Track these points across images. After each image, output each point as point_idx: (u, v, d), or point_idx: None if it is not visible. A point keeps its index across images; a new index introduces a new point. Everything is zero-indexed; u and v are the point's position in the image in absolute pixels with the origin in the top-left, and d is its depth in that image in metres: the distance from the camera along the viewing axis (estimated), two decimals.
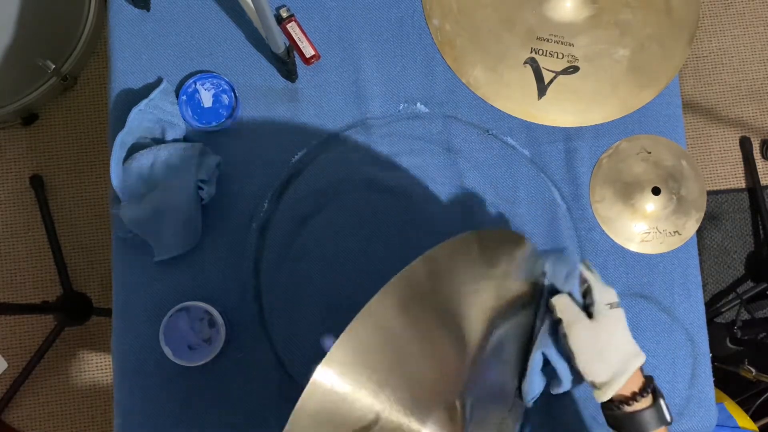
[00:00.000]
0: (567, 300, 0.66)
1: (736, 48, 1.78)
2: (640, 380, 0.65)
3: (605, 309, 0.65)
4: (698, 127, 1.76)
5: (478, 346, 0.62)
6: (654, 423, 0.63)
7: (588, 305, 0.67)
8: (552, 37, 0.88)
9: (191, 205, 0.81)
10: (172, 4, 0.88)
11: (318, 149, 0.87)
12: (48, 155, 1.62)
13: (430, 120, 0.88)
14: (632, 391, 0.64)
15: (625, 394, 0.64)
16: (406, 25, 0.90)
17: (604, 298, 0.66)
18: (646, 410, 0.63)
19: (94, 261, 1.61)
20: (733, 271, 1.73)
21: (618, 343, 0.65)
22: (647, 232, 0.88)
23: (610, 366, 0.64)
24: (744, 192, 1.75)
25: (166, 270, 0.83)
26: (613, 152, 0.89)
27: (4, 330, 1.59)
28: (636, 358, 0.65)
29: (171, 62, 0.87)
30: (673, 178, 0.88)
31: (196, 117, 0.85)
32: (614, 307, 0.66)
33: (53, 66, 1.47)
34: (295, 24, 0.88)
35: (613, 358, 0.64)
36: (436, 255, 0.57)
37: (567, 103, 0.89)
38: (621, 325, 0.66)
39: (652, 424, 0.63)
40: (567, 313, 0.66)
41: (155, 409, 0.82)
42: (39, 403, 1.58)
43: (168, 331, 0.79)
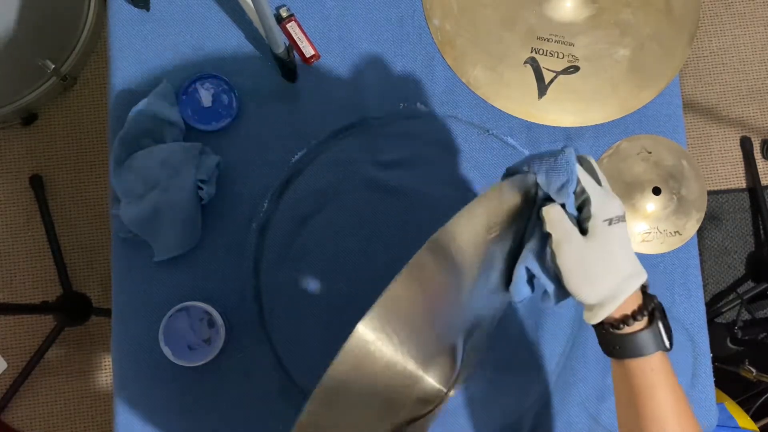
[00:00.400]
0: (558, 212, 0.58)
1: (737, 48, 1.78)
2: (637, 300, 0.58)
3: (602, 225, 0.57)
4: (698, 127, 1.76)
5: (473, 280, 0.58)
6: (650, 347, 0.57)
7: (584, 219, 0.58)
8: (552, 37, 0.88)
9: (191, 205, 0.81)
10: (172, 4, 0.88)
11: (318, 149, 0.87)
12: (48, 155, 1.62)
13: (430, 120, 0.88)
14: (624, 314, 0.57)
15: (617, 317, 0.58)
16: (406, 25, 0.90)
17: (604, 212, 0.57)
18: (641, 332, 0.57)
19: (94, 261, 1.61)
20: (733, 271, 1.73)
21: (613, 264, 0.57)
22: (648, 232, 0.88)
23: (601, 289, 0.57)
24: (744, 192, 1.75)
25: (166, 270, 0.83)
26: (613, 152, 0.89)
27: (4, 330, 1.59)
28: (633, 279, 0.57)
29: (171, 62, 0.87)
30: (673, 178, 0.88)
31: (196, 117, 0.85)
32: (614, 222, 0.57)
33: (53, 66, 1.47)
34: (295, 24, 0.88)
35: (605, 281, 0.57)
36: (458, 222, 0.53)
37: (567, 103, 0.89)
38: (619, 243, 0.57)
39: (647, 348, 0.57)
40: (557, 228, 0.57)
41: (155, 409, 0.82)
42: (39, 403, 1.58)
43: (168, 332, 0.79)
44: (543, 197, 0.60)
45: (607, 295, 0.57)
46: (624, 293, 0.56)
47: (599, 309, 0.57)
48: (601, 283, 0.57)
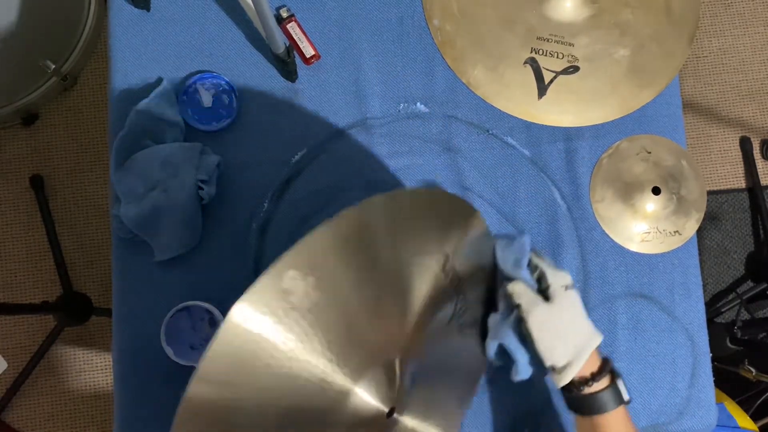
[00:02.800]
0: (522, 285, 0.66)
1: (736, 48, 1.78)
2: (597, 362, 0.65)
3: (561, 290, 0.65)
4: (698, 127, 1.76)
5: (420, 314, 0.62)
6: (612, 403, 0.64)
7: (544, 289, 0.66)
8: (552, 37, 0.88)
9: (191, 205, 0.81)
10: (172, 4, 0.88)
11: (318, 149, 0.87)
12: (48, 155, 1.62)
13: (430, 120, 0.88)
14: (591, 372, 0.64)
15: (584, 376, 0.64)
16: (406, 25, 0.90)
17: (559, 280, 0.66)
18: (604, 391, 0.64)
19: (94, 261, 1.61)
20: (733, 271, 1.73)
21: (576, 324, 0.65)
22: (647, 232, 0.88)
23: (569, 348, 0.64)
24: (744, 192, 1.75)
25: (166, 270, 0.83)
26: (613, 152, 0.89)
27: (4, 330, 1.59)
28: (593, 338, 0.65)
29: (171, 62, 0.87)
30: (673, 178, 0.88)
31: (196, 117, 0.85)
32: (569, 288, 0.66)
33: (53, 66, 1.47)
34: (295, 24, 0.88)
35: (572, 340, 0.64)
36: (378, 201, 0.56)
37: (567, 103, 0.89)
38: (578, 305, 0.66)
39: (610, 404, 0.64)
40: (524, 298, 0.65)
41: (156, 409, 0.82)
42: (39, 403, 1.58)
43: (169, 331, 0.79)
44: (502, 277, 0.69)
45: (575, 354, 0.64)
46: (587, 351, 0.64)
47: (568, 368, 0.64)
48: (569, 342, 0.64)
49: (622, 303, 0.87)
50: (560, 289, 0.66)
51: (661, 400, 0.86)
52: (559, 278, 0.66)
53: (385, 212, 0.58)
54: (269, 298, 0.52)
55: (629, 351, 0.86)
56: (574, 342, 0.64)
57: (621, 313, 0.87)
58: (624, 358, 0.86)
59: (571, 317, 0.65)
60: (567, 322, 0.65)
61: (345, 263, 0.55)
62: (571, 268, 0.87)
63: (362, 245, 0.56)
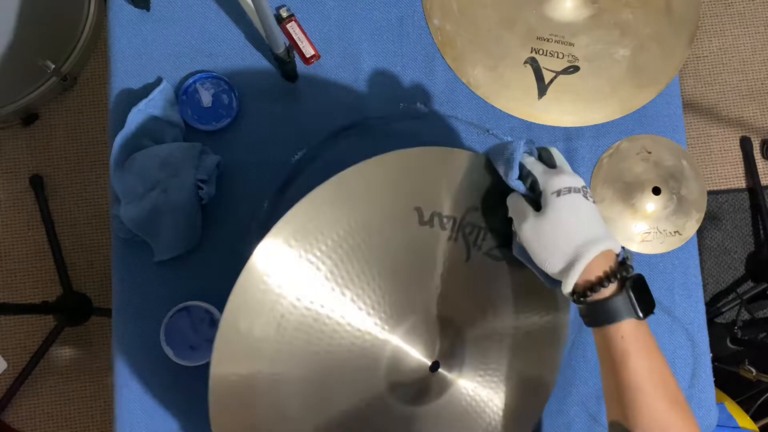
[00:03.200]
0: (515, 196, 0.63)
1: (737, 48, 1.78)
2: (606, 269, 0.58)
3: (551, 198, 0.59)
4: (698, 127, 1.76)
5: (440, 273, 0.64)
6: (620, 314, 0.58)
7: (537, 197, 0.62)
8: (552, 37, 0.88)
9: (191, 205, 0.81)
10: (172, 4, 0.88)
11: (318, 149, 0.87)
12: (48, 155, 1.62)
13: (430, 120, 0.88)
14: (597, 277, 0.58)
15: (590, 280, 0.58)
16: (406, 25, 0.90)
17: (551, 186, 0.60)
18: (609, 299, 0.58)
19: (94, 261, 1.61)
20: (733, 271, 1.73)
21: (569, 231, 0.59)
22: (648, 232, 0.88)
23: (560, 255, 0.58)
24: (744, 192, 1.75)
25: (166, 270, 0.83)
26: (613, 152, 0.89)
27: (4, 330, 1.59)
28: (593, 244, 0.58)
29: (171, 62, 0.87)
30: (673, 178, 0.88)
31: (196, 117, 0.85)
32: (564, 193, 0.59)
33: (53, 66, 1.47)
34: (295, 24, 0.88)
35: (563, 248, 0.58)
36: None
37: (567, 103, 0.89)
38: (572, 211, 0.59)
39: (620, 313, 0.57)
40: (514, 210, 0.62)
41: (156, 409, 0.82)
42: (39, 403, 1.58)
43: (169, 332, 0.79)
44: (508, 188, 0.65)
45: (568, 261, 0.58)
46: (584, 257, 0.57)
47: (565, 276, 0.58)
48: (558, 249, 0.59)
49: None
50: (551, 196, 0.60)
51: None
52: (554, 183, 0.60)
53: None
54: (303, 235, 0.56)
55: None
56: (568, 248, 0.58)
57: None
58: None
59: (562, 224, 0.59)
60: (558, 229, 0.59)
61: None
62: None
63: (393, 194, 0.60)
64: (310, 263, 0.56)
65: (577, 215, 0.59)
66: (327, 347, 0.59)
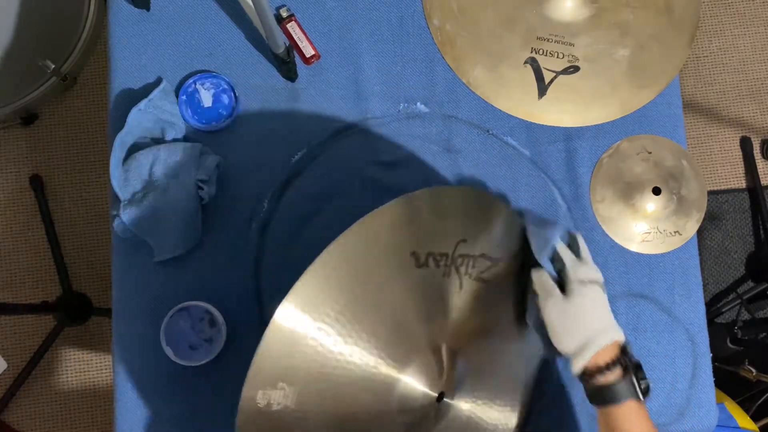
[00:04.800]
0: (543, 274, 0.70)
1: (737, 48, 1.78)
2: (612, 356, 0.66)
3: (577, 286, 0.68)
4: (699, 127, 1.76)
5: (460, 303, 0.68)
6: (624, 395, 0.65)
7: (563, 281, 0.69)
8: (552, 37, 0.88)
9: (191, 205, 0.81)
10: (172, 4, 0.88)
11: (318, 149, 0.87)
12: (48, 155, 1.62)
13: (430, 120, 0.88)
14: (605, 362, 0.66)
15: (599, 365, 0.66)
16: (406, 24, 0.90)
17: (578, 275, 0.69)
18: (614, 384, 0.65)
19: (94, 261, 1.61)
20: (733, 271, 1.73)
21: (587, 319, 0.67)
22: (648, 232, 0.88)
23: (577, 340, 0.66)
24: (744, 192, 1.75)
25: (166, 270, 0.83)
26: (613, 152, 0.89)
27: (4, 330, 1.59)
28: (605, 333, 0.66)
29: (171, 62, 0.87)
30: (673, 178, 0.88)
31: (196, 117, 0.85)
32: (589, 284, 0.68)
33: (53, 66, 1.47)
34: (295, 24, 0.88)
35: (580, 333, 0.66)
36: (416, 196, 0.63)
37: (567, 103, 0.89)
38: (593, 302, 0.68)
39: (621, 396, 0.65)
40: (541, 288, 0.69)
41: (156, 410, 0.82)
42: (39, 403, 1.58)
43: (169, 331, 0.79)
44: (533, 260, 0.71)
45: (582, 345, 0.66)
46: (595, 344, 0.66)
47: (577, 358, 0.66)
48: (576, 333, 0.67)
49: (622, 303, 0.87)
50: (577, 284, 0.68)
51: (661, 400, 0.86)
52: (580, 273, 0.69)
53: (423, 207, 0.65)
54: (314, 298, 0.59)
55: None
56: (583, 335, 0.66)
57: (621, 313, 0.86)
58: None
59: (583, 312, 0.67)
60: (579, 316, 0.67)
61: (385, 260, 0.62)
62: None
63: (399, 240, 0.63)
64: (319, 330, 0.60)
65: (595, 305, 0.68)
66: (339, 388, 0.62)
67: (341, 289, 0.60)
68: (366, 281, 0.61)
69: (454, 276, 0.67)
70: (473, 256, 0.69)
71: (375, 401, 0.64)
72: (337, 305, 0.59)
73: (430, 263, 0.65)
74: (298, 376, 0.59)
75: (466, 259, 0.68)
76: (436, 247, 0.65)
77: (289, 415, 0.60)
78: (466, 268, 0.68)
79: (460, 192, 0.72)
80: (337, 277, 0.59)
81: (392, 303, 0.63)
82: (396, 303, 0.64)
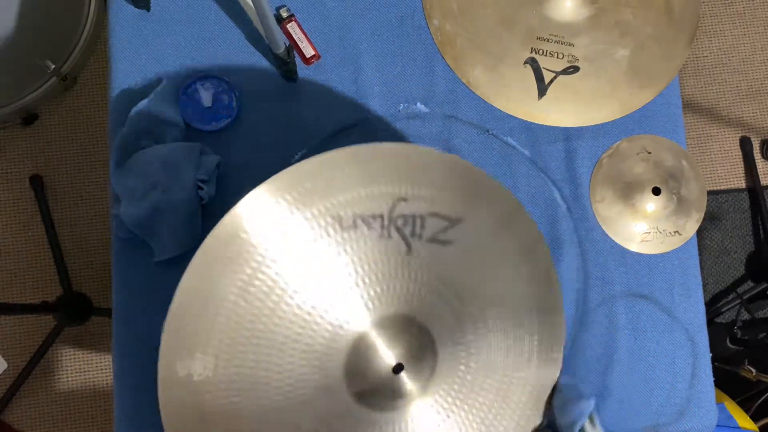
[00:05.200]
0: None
1: (737, 48, 1.78)
2: None
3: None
4: (698, 127, 1.76)
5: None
6: None
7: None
8: (552, 37, 0.88)
9: (191, 205, 0.81)
10: (172, 4, 0.88)
11: (318, 149, 0.87)
12: (48, 155, 1.62)
13: (430, 120, 0.88)
14: None
15: None
16: (406, 25, 0.90)
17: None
18: None
19: (94, 261, 1.61)
20: (733, 271, 1.73)
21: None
22: (647, 232, 0.88)
23: None
24: (744, 192, 1.75)
25: (166, 270, 0.83)
26: (613, 152, 0.89)
27: (4, 330, 1.59)
28: None
29: (171, 62, 0.87)
30: (673, 178, 0.88)
31: (196, 117, 0.85)
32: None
33: (53, 66, 1.47)
34: (295, 24, 0.88)
35: None
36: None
37: (567, 103, 0.89)
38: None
39: None
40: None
41: (156, 410, 0.82)
42: (39, 403, 1.58)
43: None
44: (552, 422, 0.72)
45: None
46: None
47: None
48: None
49: (622, 303, 0.87)
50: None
51: (661, 400, 0.86)
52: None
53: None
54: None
55: (629, 351, 0.86)
56: None
57: (621, 313, 0.87)
58: (624, 358, 0.86)
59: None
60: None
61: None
62: (571, 268, 0.87)
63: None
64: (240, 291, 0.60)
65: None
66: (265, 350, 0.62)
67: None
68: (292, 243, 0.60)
69: (397, 237, 0.64)
70: (418, 216, 0.65)
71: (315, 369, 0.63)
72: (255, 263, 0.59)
73: (359, 225, 0.63)
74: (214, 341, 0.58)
75: (410, 219, 0.65)
76: (366, 209, 0.63)
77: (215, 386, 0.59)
78: (412, 229, 0.65)
79: (389, 149, 0.67)
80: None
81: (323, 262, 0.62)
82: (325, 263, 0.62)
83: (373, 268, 0.65)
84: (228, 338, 0.62)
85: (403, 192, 0.65)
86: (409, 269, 0.66)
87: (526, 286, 0.70)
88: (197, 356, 0.57)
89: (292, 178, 0.62)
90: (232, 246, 0.61)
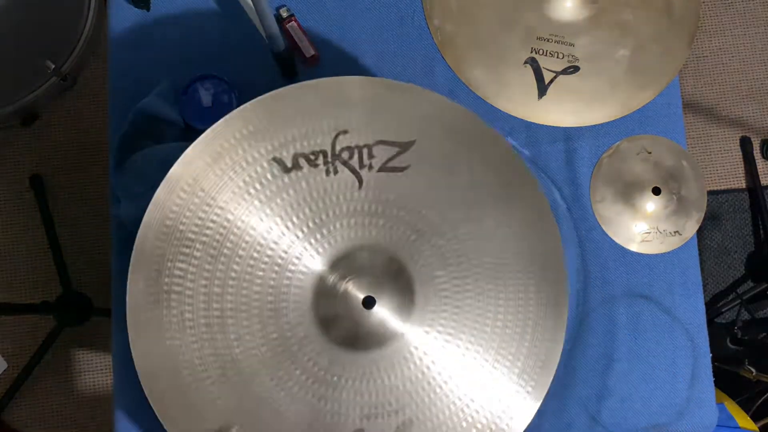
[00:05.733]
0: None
1: (737, 48, 1.78)
2: None
3: None
4: (698, 127, 1.76)
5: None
6: None
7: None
8: (552, 37, 0.88)
9: None
10: (172, 4, 0.88)
11: None
12: (48, 155, 1.62)
13: None
14: None
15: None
16: (406, 25, 0.90)
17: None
18: None
19: (94, 261, 1.61)
20: (733, 271, 1.73)
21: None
22: (647, 232, 0.88)
23: None
24: (744, 192, 1.75)
25: None
26: (613, 152, 0.89)
27: (4, 330, 1.59)
28: None
29: (171, 62, 0.87)
30: (673, 178, 0.88)
31: (196, 117, 0.85)
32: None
33: (53, 66, 1.47)
34: (295, 24, 0.88)
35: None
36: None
37: (567, 103, 0.89)
38: None
39: None
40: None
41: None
42: (39, 403, 1.58)
43: None
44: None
45: None
46: None
47: None
48: None
49: (622, 303, 0.87)
50: None
51: (661, 400, 0.86)
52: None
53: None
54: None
55: (629, 351, 0.86)
56: None
57: (621, 313, 0.87)
58: (624, 359, 0.86)
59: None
60: None
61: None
62: (571, 268, 0.87)
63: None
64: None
65: None
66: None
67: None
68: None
69: (346, 172, 0.62)
70: (363, 146, 0.62)
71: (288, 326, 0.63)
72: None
73: (301, 164, 0.61)
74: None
75: (356, 151, 0.62)
76: (302, 147, 0.61)
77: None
78: (360, 161, 0.62)
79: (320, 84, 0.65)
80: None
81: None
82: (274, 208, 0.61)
83: (322, 207, 0.63)
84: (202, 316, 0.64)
85: (341, 124, 0.62)
86: (363, 202, 0.63)
87: (500, 189, 0.68)
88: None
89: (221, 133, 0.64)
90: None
